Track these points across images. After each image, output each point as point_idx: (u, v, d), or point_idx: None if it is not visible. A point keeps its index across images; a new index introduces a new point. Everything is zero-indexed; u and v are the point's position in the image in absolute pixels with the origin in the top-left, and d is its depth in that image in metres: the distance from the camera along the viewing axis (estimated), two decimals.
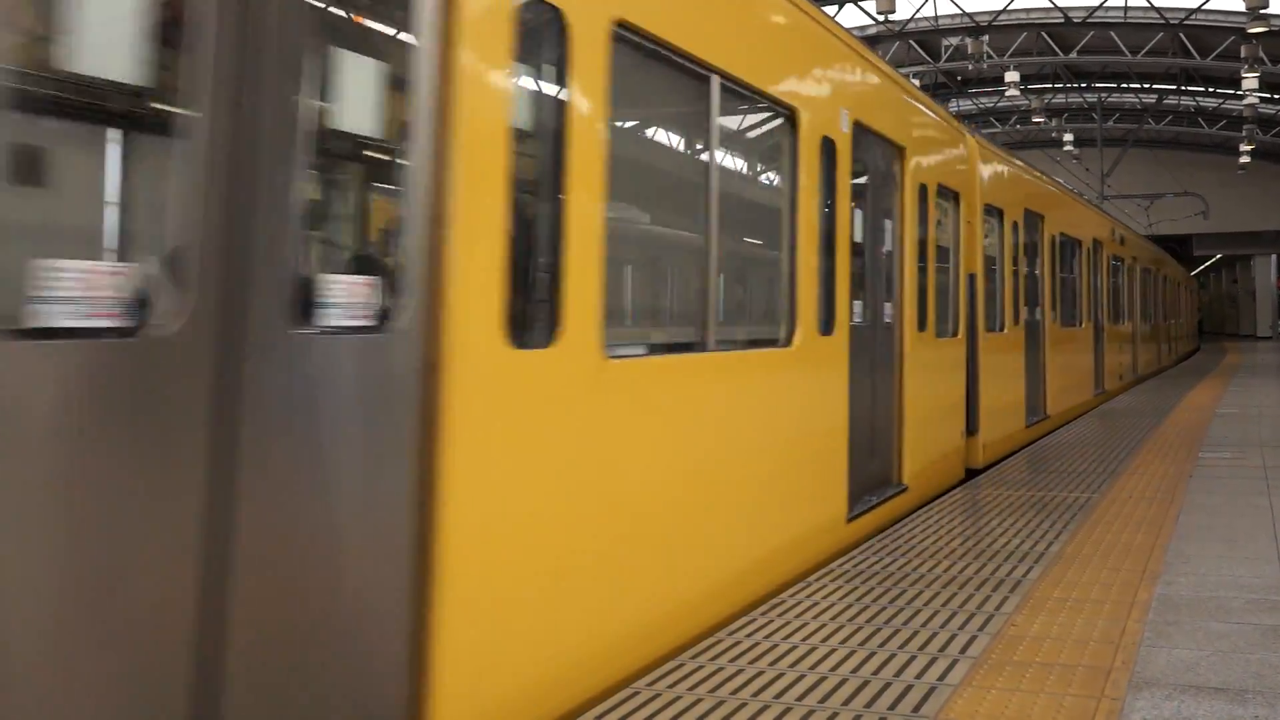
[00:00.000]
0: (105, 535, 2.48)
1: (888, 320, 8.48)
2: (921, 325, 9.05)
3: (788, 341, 6.34)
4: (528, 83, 4.14)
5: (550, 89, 4.22)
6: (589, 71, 4.29)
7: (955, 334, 10.30)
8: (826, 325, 6.89)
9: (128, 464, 2.53)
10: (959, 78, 42.24)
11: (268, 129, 2.88)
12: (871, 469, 7.93)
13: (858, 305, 7.69)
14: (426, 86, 3.43)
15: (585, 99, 4.27)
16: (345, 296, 3.15)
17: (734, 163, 6.30)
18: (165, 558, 2.62)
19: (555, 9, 4.12)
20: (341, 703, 3.13)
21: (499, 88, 3.69)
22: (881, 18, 30.69)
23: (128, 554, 2.53)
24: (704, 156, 5.55)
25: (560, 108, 4.19)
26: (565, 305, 4.11)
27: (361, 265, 3.54)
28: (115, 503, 2.50)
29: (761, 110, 6.37)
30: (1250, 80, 34.46)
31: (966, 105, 46.35)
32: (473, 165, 3.54)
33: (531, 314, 4.01)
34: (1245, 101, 40.14)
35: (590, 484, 4.26)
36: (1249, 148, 46.66)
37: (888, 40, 36.24)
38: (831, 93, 6.97)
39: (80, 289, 2.41)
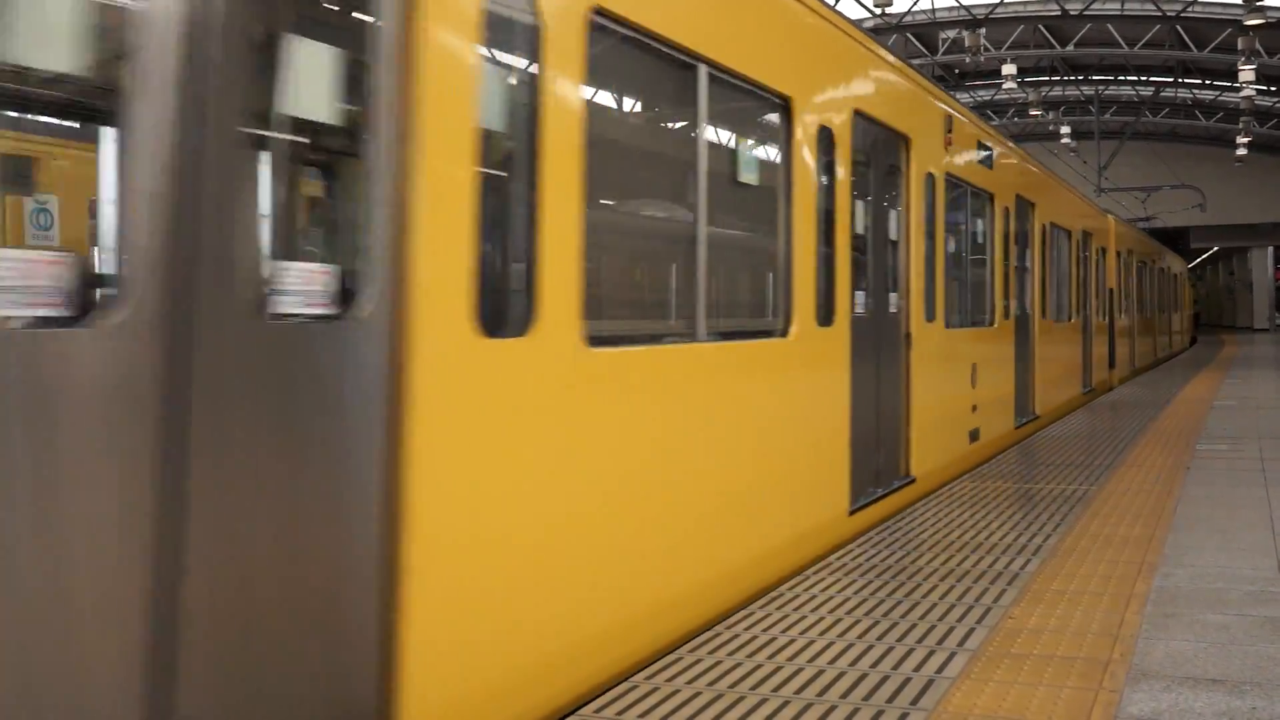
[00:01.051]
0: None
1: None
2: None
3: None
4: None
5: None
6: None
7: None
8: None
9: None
10: (956, 70, 42.20)
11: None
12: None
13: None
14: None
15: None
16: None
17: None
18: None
19: None
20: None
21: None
22: (879, 11, 30.65)
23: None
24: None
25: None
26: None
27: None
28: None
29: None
30: (1247, 72, 34.44)
31: (964, 98, 46.29)
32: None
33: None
34: (1242, 94, 40.15)
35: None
36: (1246, 140, 46.69)
37: (885, 33, 36.20)
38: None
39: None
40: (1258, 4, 29.05)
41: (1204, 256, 71.88)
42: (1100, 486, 8.64)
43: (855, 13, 35.04)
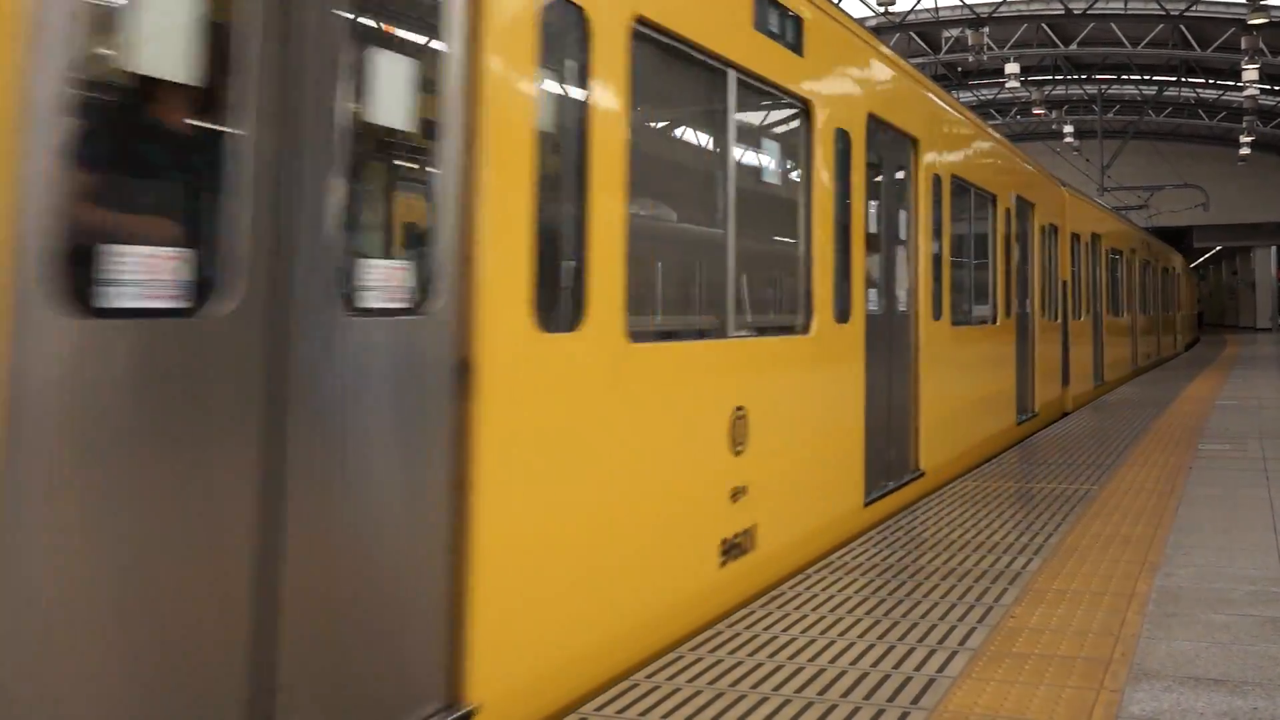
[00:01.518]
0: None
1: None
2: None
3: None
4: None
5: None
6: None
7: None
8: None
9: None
10: (959, 69, 42.17)
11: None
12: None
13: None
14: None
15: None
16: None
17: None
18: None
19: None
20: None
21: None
22: (882, 9, 30.64)
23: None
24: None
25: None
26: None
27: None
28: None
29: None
30: (1250, 72, 34.42)
31: (967, 97, 46.26)
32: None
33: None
34: (1245, 93, 40.10)
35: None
36: (1249, 139, 46.63)
37: (888, 32, 36.18)
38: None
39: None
40: (1261, 3, 29.03)
41: (1206, 256, 71.83)
42: (1102, 486, 8.63)
43: (860, 12, 35.04)
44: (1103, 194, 41.58)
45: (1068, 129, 47.25)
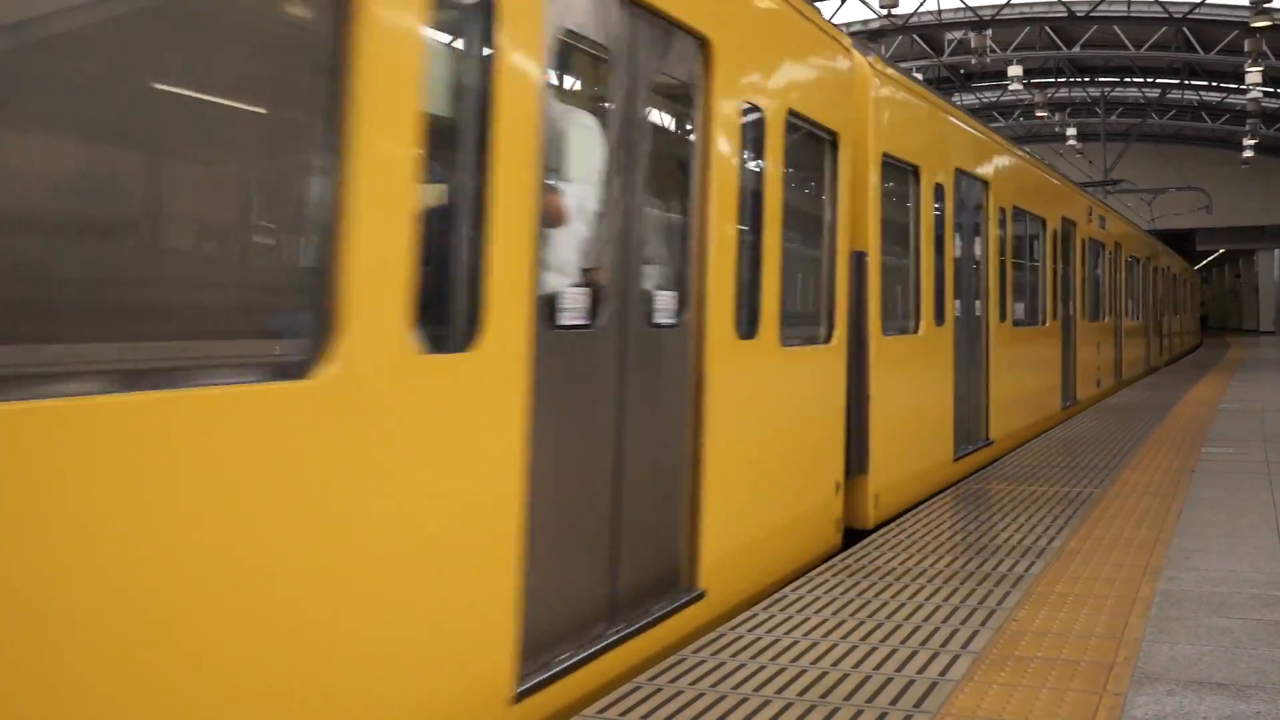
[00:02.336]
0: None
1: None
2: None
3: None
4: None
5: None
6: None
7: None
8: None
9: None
10: (962, 72, 42.16)
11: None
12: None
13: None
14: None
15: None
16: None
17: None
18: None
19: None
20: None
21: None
22: (885, 12, 30.62)
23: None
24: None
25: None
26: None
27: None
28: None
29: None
30: (1254, 74, 34.40)
31: (969, 99, 46.27)
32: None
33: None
34: (1249, 96, 40.06)
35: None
36: (1252, 142, 46.57)
37: (891, 34, 36.19)
38: None
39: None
40: (1265, 6, 29.00)
41: (1210, 259, 71.76)
42: (1105, 489, 8.63)
43: (862, 14, 35.05)
44: (1106, 196, 41.55)
45: (1071, 131, 47.22)
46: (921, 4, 34.73)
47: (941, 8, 35.38)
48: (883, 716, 3.87)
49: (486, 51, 3.74)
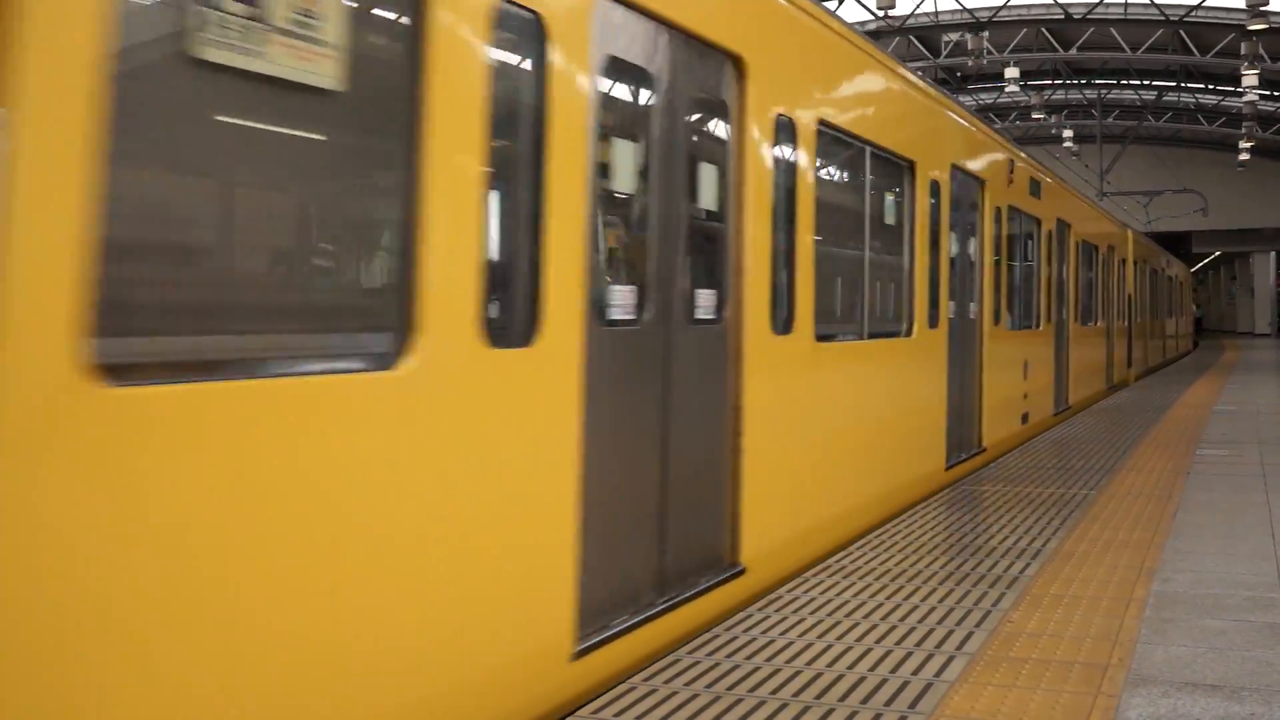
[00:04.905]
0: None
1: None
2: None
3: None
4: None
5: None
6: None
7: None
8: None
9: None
10: (959, 74, 42.22)
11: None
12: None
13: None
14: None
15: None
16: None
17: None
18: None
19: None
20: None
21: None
22: (882, 13, 30.66)
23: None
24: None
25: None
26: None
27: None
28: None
29: None
30: (1250, 77, 34.48)
31: (966, 101, 46.33)
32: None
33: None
34: (1245, 98, 40.17)
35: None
36: (1248, 145, 46.69)
37: (888, 36, 36.22)
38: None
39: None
40: (1261, 9, 29.05)
41: (1206, 261, 71.86)
42: (1100, 491, 8.64)
43: (859, 15, 35.07)
44: (1102, 199, 41.59)
45: (1067, 133, 47.30)
46: (919, 6, 34.76)
47: (938, 9, 35.41)
48: (878, 717, 3.88)
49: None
